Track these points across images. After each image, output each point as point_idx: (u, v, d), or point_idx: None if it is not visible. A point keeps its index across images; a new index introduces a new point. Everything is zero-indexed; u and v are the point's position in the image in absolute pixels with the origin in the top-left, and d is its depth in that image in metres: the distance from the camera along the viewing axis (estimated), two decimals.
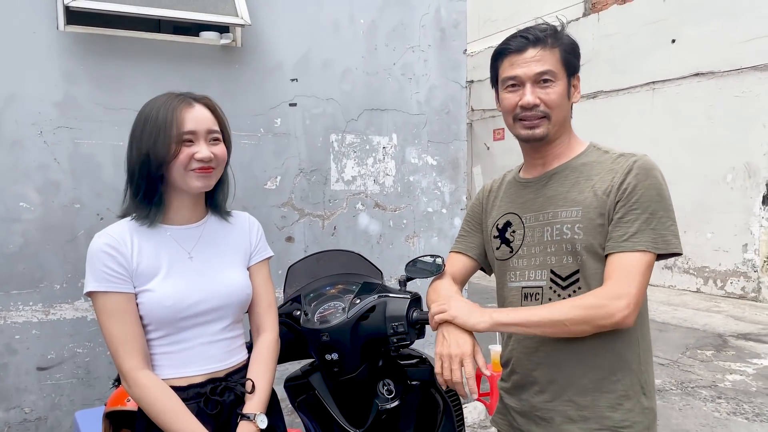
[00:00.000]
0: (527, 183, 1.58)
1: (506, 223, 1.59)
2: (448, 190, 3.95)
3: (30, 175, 2.79)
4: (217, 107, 1.49)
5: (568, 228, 1.43)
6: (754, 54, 7.78)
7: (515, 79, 1.46)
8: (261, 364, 1.53)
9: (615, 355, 1.43)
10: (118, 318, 1.36)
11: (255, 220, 1.66)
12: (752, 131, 7.85)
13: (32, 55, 2.78)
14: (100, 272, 1.36)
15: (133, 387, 1.37)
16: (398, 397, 1.66)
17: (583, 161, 1.50)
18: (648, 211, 1.36)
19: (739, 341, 6.02)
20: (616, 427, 1.42)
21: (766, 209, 7.78)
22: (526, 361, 1.53)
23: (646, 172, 1.39)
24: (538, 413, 1.51)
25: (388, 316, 1.58)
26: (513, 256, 1.55)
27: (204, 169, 1.41)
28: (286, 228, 3.41)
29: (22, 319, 2.79)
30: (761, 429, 3.86)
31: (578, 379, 1.44)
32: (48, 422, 2.86)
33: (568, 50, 1.47)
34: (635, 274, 1.33)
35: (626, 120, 9.30)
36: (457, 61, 3.95)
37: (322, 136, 3.52)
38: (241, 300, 1.52)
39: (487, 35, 12.27)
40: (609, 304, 1.32)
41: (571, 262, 1.43)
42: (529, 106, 1.44)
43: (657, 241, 1.35)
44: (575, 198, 1.45)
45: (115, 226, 1.44)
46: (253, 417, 1.44)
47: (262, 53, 3.31)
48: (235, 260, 1.55)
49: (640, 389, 1.46)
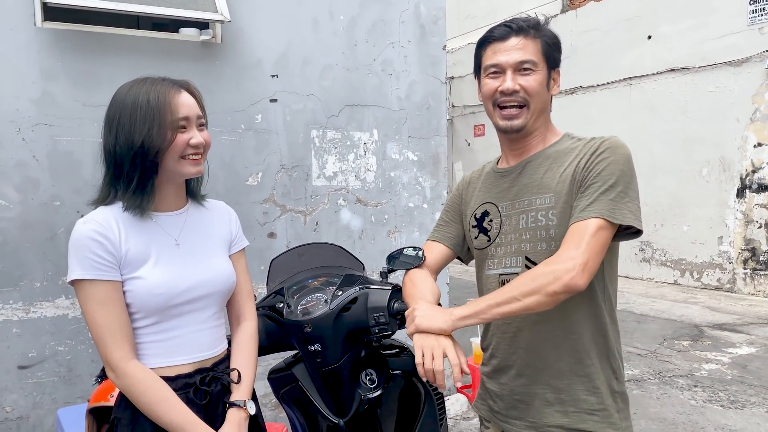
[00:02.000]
0: (504, 173, 1.61)
1: (484, 213, 1.62)
2: (429, 185, 3.99)
3: (8, 173, 2.76)
4: (198, 92, 1.49)
5: (542, 215, 1.47)
6: (728, 50, 7.93)
7: (497, 66, 1.49)
8: (244, 352, 1.54)
9: (589, 339, 1.47)
10: (106, 307, 1.33)
11: (231, 209, 1.66)
12: (726, 125, 8.00)
13: (9, 52, 2.75)
14: (87, 260, 1.32)
15: (122, 378, 1.34)
16: (381, 387, 1.69)
17: (556, 149, 1.53)
18: (607, 184, 1.37)
19: (715, 331, 6.15)
20: (592, 410, 1.46)
21: (740, 202, 7.94)
22: (505, 345, 1.56)
23: (611, 149, 1.42)
24: (517, 396, 1.54)
25: (370, 307, 1.61)
26: (491, 244, 1.58)
27: (195, 156, 1.42)
28: (268, 224, 3.42)
29: (2, 318, 2.77)
30: (736, 416, 3.96)
31: (554, 363, 1.48)
32: (30, 421, 2.85)
33: (549, 43, 1.50)
34: (583, 237, 1.33)
35: (604, 115, 9.43)
36: (436, 56, 3.98)
37: (303, 132, 3.53)
38: (227, 287, 1.52)
39: (466, 32, 12.33)
40: (555, 268, 1.32)
41: (545, 248, 1.46)
42: (509, 92, 1.47)
43: (612, 210, 1.35)
44: (548, 184, 1.48)
45: (99, 213, 1.38)
46: (243, 403, 1.46)
47: (242, 49, 3.31)
48: (219, 248, 1.55)
49: (612, 373, 1.50)
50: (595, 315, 1.48)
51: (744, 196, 7.90)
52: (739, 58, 7.83)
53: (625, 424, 1.50)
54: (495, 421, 1.63)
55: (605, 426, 1.46)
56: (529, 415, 1.52)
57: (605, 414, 1.47)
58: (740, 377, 4.72)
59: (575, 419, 1.46)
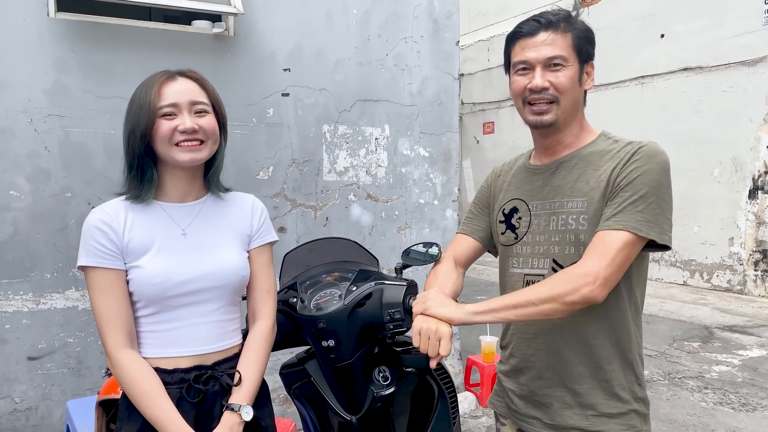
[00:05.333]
0: (536, 170, 1.57)
1: (513, 209, 1.58)
2: (440, 182, 3.96)
3: (20, 164, 2.76)
4: (204, 80, 1.46)
5: (573, 219, 1.43)
6: (742, 49, 7.84)
7: (526, 62, 1.44)
8: (252, 353, 1.49)
9: (611, 344, 1.44)
10: (105, 294, 1.36)
11: (260, 203, 1.63)
12: (739, 126, 7.92)
13: (22, 42, 2.75)
14: (91, 247, 1.36)
15: (114, 366, 1.37)
16: (394, 384, 1.67)
17: (591, 150, 1.49)
18: (638, 194, 1.33)
19: (725, 333, 6.10)
20: (612, 414, 1.44)
21: (752, 203, 7.87)
22: (525, 346, 1.54)
23: (648, 157, 1.37)
24: (537, 398, 1.52)
25: (385, 303, 1.58)
26: (517, 242, 1.55)
27: (190, 142, 1.39)
28: (279, 219, 3.41)
29: (12, 309, 2.77)
30: (747, 418, 3.92)
31: (574, 367, 1.45)
32: (38, 412, 2.85)
33: (581, 36, 1.45)
34: (609, 250, 1.30)
35: (616, 114, 9.35)
36: (449, 52, 3.95)
37: (315, 127, 3.51)
38: (234, 282, 1.48)
39: (477, 28, 12.27)
40: (577, 280, 1.30)
41: (573, 252, 1.43)
42: (538, 89, 1.42)
43: (640, 223, 1.31)
44: (581, 188, 1.44)
45: (111, 203, 1.43)
46: (238, 408, 1.40)
47: (254, 43, 3.29)
48: (232, 240, 1.51)
49: (635, 379, 1.47)
50: (619, 321, 1.44)
51: (756, 198, 7.82)
52: (753, 58, 7.75)
53: (646, 428, 1.48)
54: (513, 419, 1.61)
55: (626, 429, 1.44)
56: (548, 416, 1.50)
57: (627, 418, 1.44)
58: (751, 379, 4.68)
59: (595, 422, 1.44)
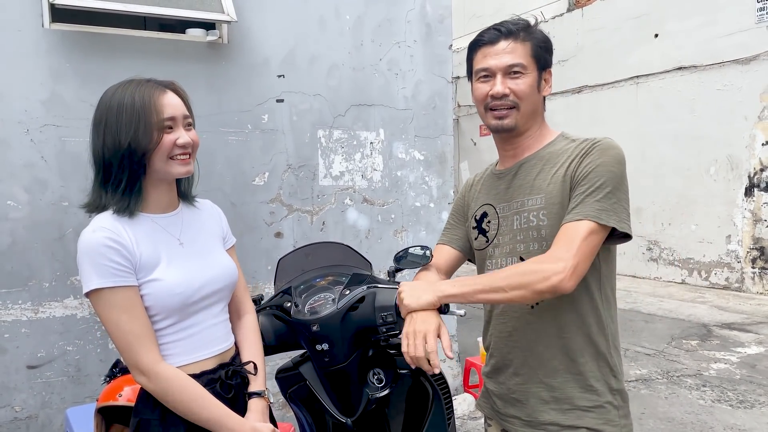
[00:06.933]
0: (500, 174, 1.64)
1: (483, 214, 1.65)
2: (436, 185, 3.98)
3: (17, 174, 2.78)
4: (184, 92, 1.48)
5: (534, 215, 1.49)
6: (736, 47, 7.87)
7: (487, 70, 1.51)
8: (253, 344, 1.61)
9: (584, 337, 1.48)
10: (130, 313, 1.33)
11: (218, 207, 1.68)
12: (734, 124, 7.95)
13: (18, 53, 2.77)
14: (104, 267, 1.31)
15: (156, 381, 1.35)
16: (388, 386, 1.69)
17: (550, 150, 1.55)
18: (595, 185, 1.39)
19: (724, 331, 6.12)
20: (588, 407, 1.46)
21: (748, 201, 7.89)
22: (502, 344, 1.58)
23: (601, 151, 1.43)
24: (514, 395, 1.55)
25: (378, 306, 1.60)
26: (489, 245, 1.61)
27: (183, 156, 1.42)
28: (275, 224, 3.43)
29: (12, 318, 2.79)
30: (745, 415, 3.94)
31: (548, 362, 1.49)
32: (39, 420, 2.86)
33: (540, 45, 1.52)
34: (574, 240, 1.35)
35: (611, 114, 9.38)
36: (443, 56, 3.98)
37: (310, 132, 3.53)
38: (233, 281, 1.57)
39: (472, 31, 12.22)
40: (545, 268, 1.34)
41: (536, 248, 1.48)
42: (499, 96, 1.49)
43: (599, 212, 1.37)
44: (540, 186, 1.50)
45: (104, 220, 1.38)
46: (264, 393, 1.53)
47: (248, 50, 3.32)
48: (218, 245, 1.59)
49: (609, 371, 1.50)
50: (590, 314, 1.48)
51: (752, 195, 7.85)
52: (747, 56, 7.78)
53: (624, 422, 1.50)
54: (497, 419, 1.64)
55: (602, 423, 1.46)
56: (525, 413, 1.53)
57: (602, 411, 1.47)
58: (749, 377, 4.69)
59: (571, 416, 1.47)
